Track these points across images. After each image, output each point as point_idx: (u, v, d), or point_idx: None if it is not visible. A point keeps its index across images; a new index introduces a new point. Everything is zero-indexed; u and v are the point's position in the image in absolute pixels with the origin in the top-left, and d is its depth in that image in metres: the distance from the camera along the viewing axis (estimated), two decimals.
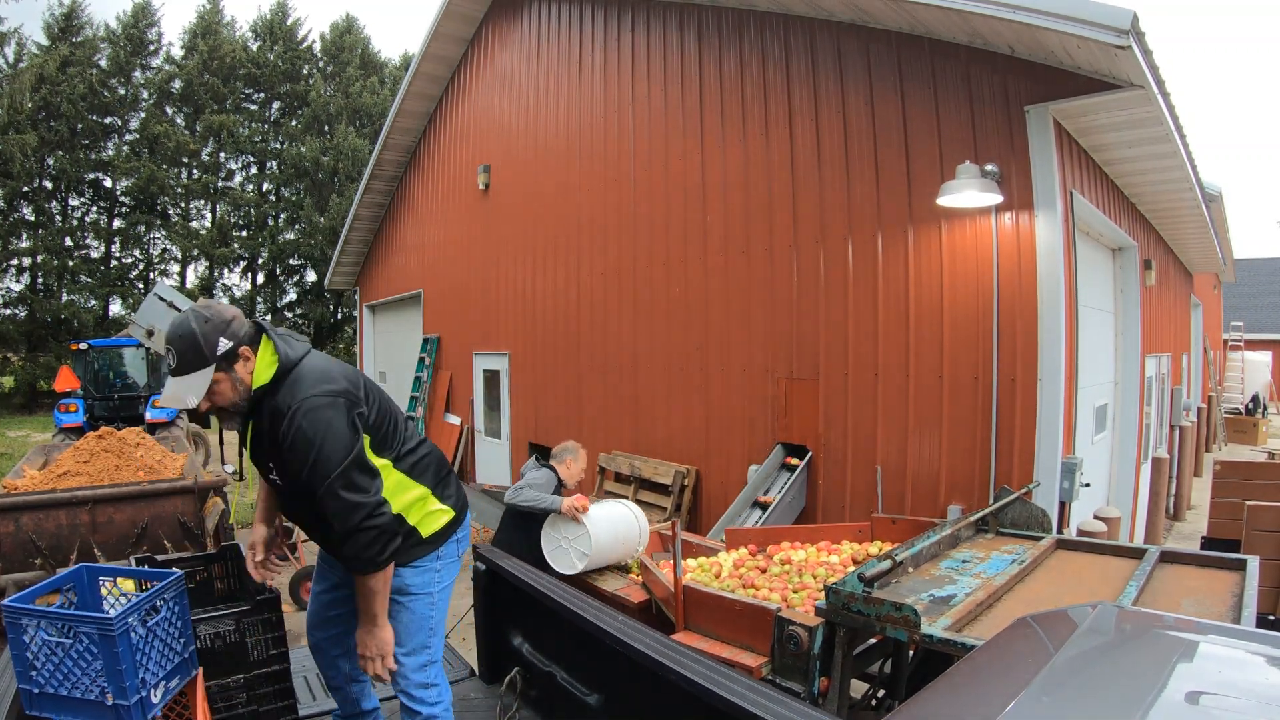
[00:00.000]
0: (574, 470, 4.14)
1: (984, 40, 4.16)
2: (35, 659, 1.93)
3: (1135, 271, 6.01)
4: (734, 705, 1.63)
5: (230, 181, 26.57)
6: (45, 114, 22.13)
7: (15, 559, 4.41)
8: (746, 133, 5.68)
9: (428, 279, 11.54)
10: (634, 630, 2.14)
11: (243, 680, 2.45)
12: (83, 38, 23.71)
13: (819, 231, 5.13)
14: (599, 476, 7.02)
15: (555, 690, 2.57)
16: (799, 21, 5.28)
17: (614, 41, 7.16)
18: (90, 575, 2.27)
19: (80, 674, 1.93)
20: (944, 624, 2.24)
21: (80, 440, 6.25)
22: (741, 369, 5.76)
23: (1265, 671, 1.17)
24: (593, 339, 7.45)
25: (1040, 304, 4.02)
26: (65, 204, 23.84)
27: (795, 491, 5.10)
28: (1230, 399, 16.19)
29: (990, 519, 3.37)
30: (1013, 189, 4.11)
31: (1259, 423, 14.40)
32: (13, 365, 22.31)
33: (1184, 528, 8.06)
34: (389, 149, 12.02)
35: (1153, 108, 3.85)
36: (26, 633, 1.93)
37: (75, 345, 11.54)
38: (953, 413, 4.38)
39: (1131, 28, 3.22)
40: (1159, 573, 2.74)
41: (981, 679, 1.27)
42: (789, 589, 3.12)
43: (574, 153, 7.69)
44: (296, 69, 27.39)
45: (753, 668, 2.58)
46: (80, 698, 1.95)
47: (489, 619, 2.96)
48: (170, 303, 6.57)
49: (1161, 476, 6.67)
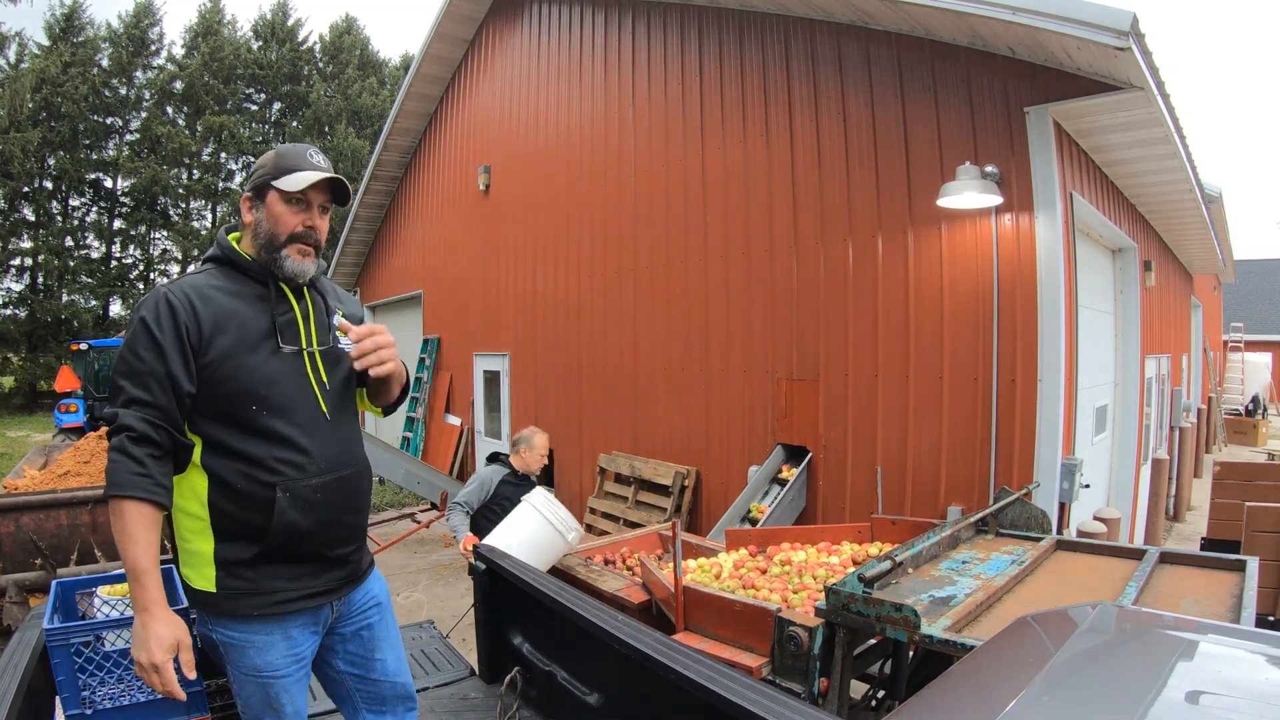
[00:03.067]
0: (530, 459, 4.08)
1: (984, 42, 4.17)
2: (95, 674, 1.98)
3: (1135, 272, 6.01)
4: (734, 705, 1.63)
5: (231, 182, 26.59)
6: (46, 114, 22.15)
7: (15, 559, 4.41)
8: (746, 133, 5.68)
9: (428, 280, 11.54)
10: (634, 630, 2.14)
11: None
12: (84, 38, 23.73)
13: (819, 232, 5.13)
14: (599, 477, 7.02)
15: (555, 690, 2.57)
16: (799, 22, 5.29)
17: (614, 42, 7.17)
18: (65, 591, 2.30)
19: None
20: (944, 624, 2.24)
21: (80, 440, 6.26)
22: (742, 370, 5.76)
23: (1265, 671, 1.17)
24: (593, 340, 7.45)
25: (1040, 305, 4.02)
26: (66, 204, 23.89)
27: (795, 492, 5.10)
28: (1230, 400, 16.19)
29: (990, 520, 3.37)
30: (1013, 190, 4.12)
31: (1259, 424, 14.40)
32: (13, 365, 22.33)
33: (1184, 529, 8.06)
34: (389, 149, 12.02)
35: (1153, 109, 3.86)
36: (82, 653, 1.97)
37: (75, 345, 11.56)
38: (953, 413, 4.38)
39: (1131, 29, 3.22)
40: (1159, 573, 2.74)
41: (981, 679, 1.28)
42: (789, 590, 3.13)
43: (574, 153, 7.70)
44: (297, 70, 27.42)
45: (753, 668, 2.57)
46: (145, 701, 1.99)
47: (489, 619, 2.96)
48: None
49: (1161, 477, 6.67)
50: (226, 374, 1.59)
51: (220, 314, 1.61)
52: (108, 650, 2.03)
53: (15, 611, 4.23)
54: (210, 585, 1.61)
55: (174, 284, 1.62)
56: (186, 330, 1.56)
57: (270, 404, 1.62)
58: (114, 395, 1.56)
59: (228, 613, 1.62)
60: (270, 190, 1.70)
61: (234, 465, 1.61)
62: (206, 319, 1.59)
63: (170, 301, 1.57)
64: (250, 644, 1.64)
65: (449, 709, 2.69)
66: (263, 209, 1.71)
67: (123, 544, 1.47)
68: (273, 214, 1.69)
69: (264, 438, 1.62)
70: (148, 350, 1.54)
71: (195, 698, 2.15)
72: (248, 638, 1.63)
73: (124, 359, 1.55)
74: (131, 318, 1.61)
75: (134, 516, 1.48)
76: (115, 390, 1.56)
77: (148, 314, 1.56)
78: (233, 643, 1.64)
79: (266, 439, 1.62)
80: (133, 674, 2.04)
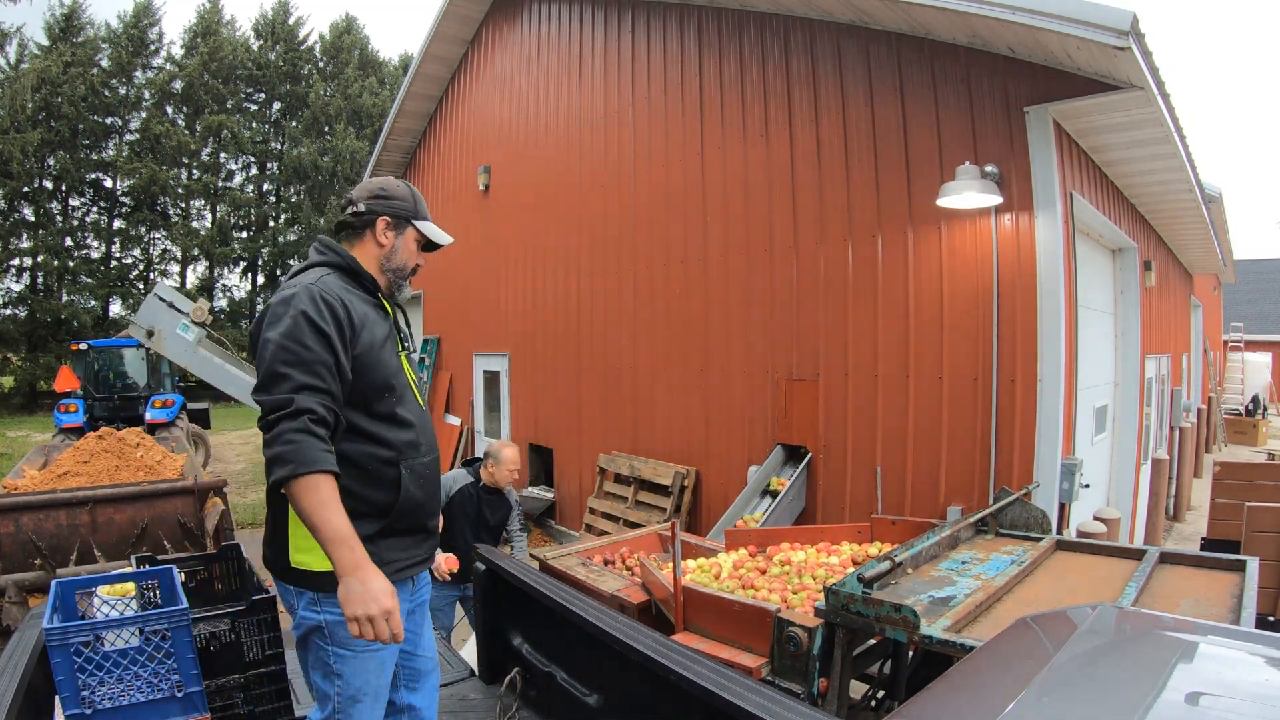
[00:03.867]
0: (499, 474, 3.98)
1: (984, 41, 4.17)
2: (95, 674, 1.99)
3: (1135, 272, 6.01)
4: (734, 705, 1.63)
5: (230, 182, 26.59)
6: (46, 114, 22.15)
7: (15, 559, 4.42)
8: (746, 133, 5.68)
9: (427, 280, 11.53)
10: (634, 630, 2.14)
11: (240, 680, 2.45)
12: (83, 38, 23.73)
13: (819, 232, 5.13)
14: (599, 477, 7.02)
15: (555, 690, 2.57)
16: (798, 22, 5.28)
17: (614, 42, 7.17)
18: (65, 591, 2.30)
19: (148, 675, 2.00)
20: (943, 625, 2.24)
21: (80, 440, 6.26)
22: (741, 369, 5.76)
23: (1265, 672, 1.17)
24: (592, 340, 7.45)
25: (1040, 305, 4.02)
26: (66, 204, 23.88)
27: (795, 492, 5.10)
28: (1230, 400, 16.19)
29: (990, 520, 3.37)
30: (1012, 190, 4.12)
31: (1259, 424, 14.40)
32: (13, 365, 22.33)
33: (1184, 529, 8.06)
34: (389, 149, 12.02)
35: (1153, 109, 3.86)
36: (82, 653, 1.97)
37: (75, 345, 11.54)
38: (952, 414, 4.38)
39: (1131, 29, 3.22)
40: (1158, 574, 2.74)
41: (981, 680, 1.27)
42: (788, 590, 3.12)
43: (574, 153, 7.70)
44: (297, 69, 27.41)
45: (752, 668, 2.57)
46: (145, 701, 2.01)
47: (489, 619, 2.96)
48: (170, 303, 6.57)
49: (1161, 477, 6.66)
50: (368, 365, 1.78)
51: (361, 314, 1.80)
52: (107, 650, 2.03)
53: (15, 611, 4.24)
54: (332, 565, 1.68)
55: (318, 283, 1.75)
56: (342, 325, 1.72)
57: (395, 393, 1.85)
58: (271, 381, 1.62)
59: None
60: (410, 227, 1.95)
61: (364, 447, 1.77)
62: (356, 317, 1.77)
63: (326, 299, 1.72)
64: None
65: (449, 710, 2.69)
66: (400, 239, 1.94)
67: (324, 514, 1.55)
68: (408, 248, 1.96)
69: (391, 422, 1.82)
70: (315, 341, 1.66)
71: (195, 698, 2.15)
72: None
73: (288, 348, 1.63)
74: (278, 310, 1.69)
75: (329, 489, 1.58)
76: (275, 377, 1.62)
77: (308, 308, 1.68)
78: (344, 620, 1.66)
79: (393, 423, 1.83)
80: (132, 674, 2.05)
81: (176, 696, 2.11)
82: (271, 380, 1.62)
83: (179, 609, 2.14)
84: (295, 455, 1.55)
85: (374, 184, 1.95)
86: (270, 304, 1.73)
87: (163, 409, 10.64)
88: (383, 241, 1.92)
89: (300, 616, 1.77)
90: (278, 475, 1.55)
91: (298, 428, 1.57)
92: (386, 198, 1.92)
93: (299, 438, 1.57)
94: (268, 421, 1.59)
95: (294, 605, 1.78)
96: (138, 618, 2.12)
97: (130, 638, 2.07)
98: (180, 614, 2.12)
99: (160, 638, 2.09)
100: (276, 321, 1.66)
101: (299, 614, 1.77)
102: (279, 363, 1.62)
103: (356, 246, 1.92)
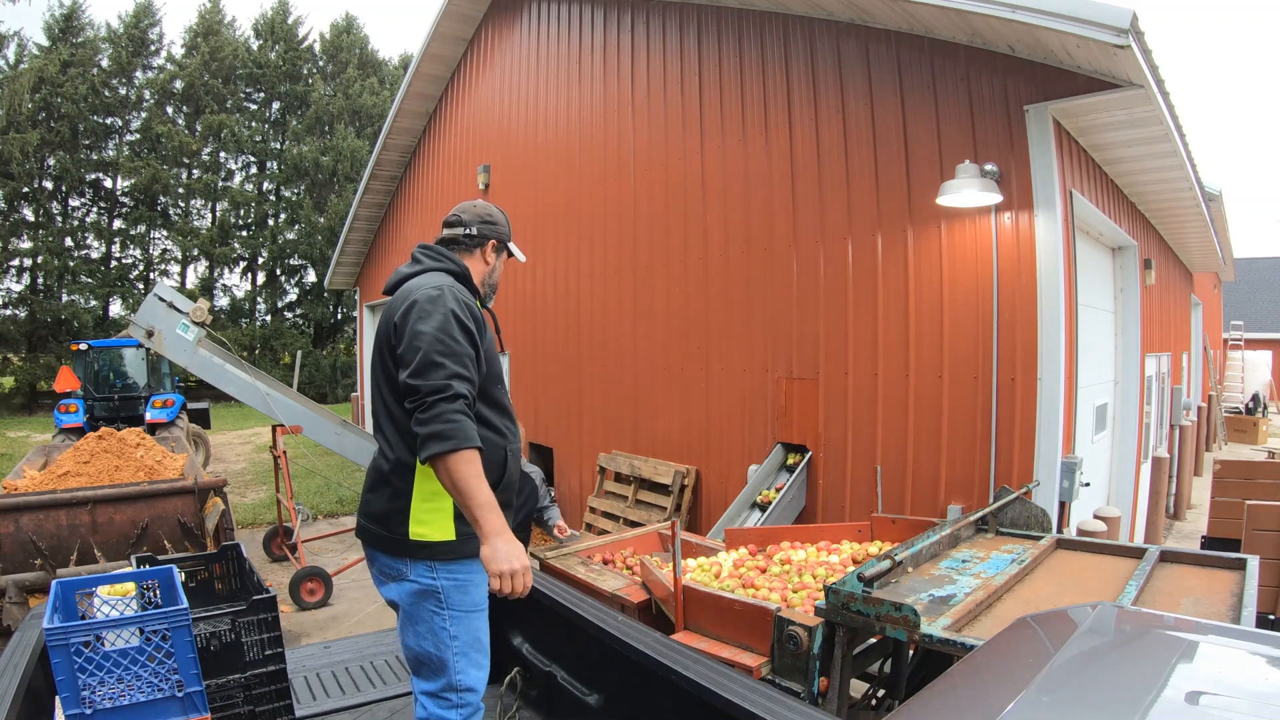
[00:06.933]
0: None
1: (984, 40, 4.16)
2: (95, 674, 2.00)
3: (1135, 271, 6.01)
4: (734, 705, 1.63)
5: (230, 181, 26.57)
6: (46, 114, 22.14)
7: (15, 559, 4.42)
8: (746, 132, 5.68)
9: None
10: (634, 630, 2.15)
11: (240, 680, 2.45)
12: (83, 38, 23.71)
13: (819, 231, 5.13)
14: (599, 476, 7.02)
15: (555, 690, 2.57)
16: (798, 21, 5.28)
17: (614, 42, 7.16)
18: (65, 591, 2.30)
19: (148, 675, 2.00)
20: (943, 624, 2.24)
21: (80, 441, 6.26)
22: (742, 368, 5.76)
23: (1265, 671, 1.17)
24: (592, 338, 7.45)
25: (1040, 303, 4.02)
26: (66, 204, 23.84)
27: (795, 491, 5.10)
28: (1230, 398, 16.18)
29: (990, 519, 3.37)
30: (1012, 188, 4.11)
31: (1259, 422, 14.39)
32: (13, 365, 22.31)
33: (1184, 527, 8.06)
34: (388, 149, 12.01)
35: (1152, 107, 3.85)
36: (82, 653, 1.97)
37: (75, 346, 11.52)
38: (952, 412, 4.38)
39: (1131, 27, 3.22)
40: (1159, 572, 2.74)
41: (981, 679, 1.27)
42: (789, 589, 3.12)
43: (574, 152, 7.69)
44: (297, 69, 27.39)
45: (752, 668, 2.57)
46: (145, 701, 2.02)
47: (489, 619, 2.95)
48: (170, 303, 6.55)
49: (1161, 476, 6.66)
50: (489, 358, 2.04)
51: (480, 317, 2.05)
52: (108, 650, 2.04)
53: (15, 612, 4.24)
54: (451, 534, 1.94)
55: (452, 288, 1.99)
56: (477, 324, 1.98)
57: (502, 385, 2.13)
58: (430, 368, 1.81)
59: (464, 554, 1.95)
60: (505, 251, 2.30)
61: (482, 431, 1.94)
62: (479, 319, 2.02)
63: (466, 301, 1.99)
64: (473, 581, 1.98)
65: None
66: (499, 261, 2.29)
67: (477, 484, 1.75)
68: (501, 268, 2.32)
69: (499, 409, 2.07)
70: (463, 336, 1.90)
71: (195, 698, 2.15)
72: (472, 576, 1.97)
73: (443, 340, 1.85)
74: (427, 308, 1.90)
75: (480, 463, 1.78)
76: (433, 365, 1.82)
77: (455, 308, 1.92)
78: (459, 584, 1.95)
79: (500, 410, 2.08)
80: (132, 674, 2.05)
81: (177, 696, 2.11)
82: (430, 367, 1.81)
83: (179, 609, 2.14)
84: (456, 432, 1.74)
85: (481, 209, 2.25)
86: (416, 300, 1.91)
87: (163, 409, 10.62)
88: (488, 260, 2.24)
89: (415, 584, 1.93)
90: (438, 449, 1.72)
91: (456, 409, 1.77)
92: (494, 223, 2.24)
93: (458, 418, 1.76)
94: (427, 403, 1.77)
95: (404, 573, 1.94)
96: (138, 618, 2.12)
97: (130, 638, 2.07)
98: (180, 614, 2.12)
99: (160, 638, 2.09)
100: (427, 317, 1.88)
101: (412, 581, 1.93)
102: (435, 353, 1.82)
103: (466, 260, 2.20)
